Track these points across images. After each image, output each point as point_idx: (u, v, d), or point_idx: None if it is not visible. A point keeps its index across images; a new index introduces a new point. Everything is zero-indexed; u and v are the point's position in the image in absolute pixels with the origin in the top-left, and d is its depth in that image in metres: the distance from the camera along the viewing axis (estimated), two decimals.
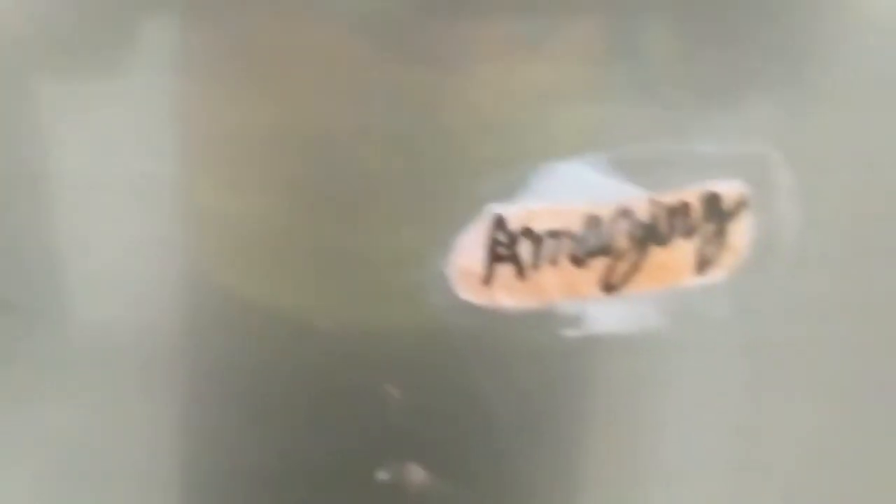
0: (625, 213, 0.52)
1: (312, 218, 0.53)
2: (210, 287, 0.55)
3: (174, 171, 0.52)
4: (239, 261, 0.55)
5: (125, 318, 0.55)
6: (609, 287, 0.53)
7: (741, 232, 0.53)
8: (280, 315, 0.55)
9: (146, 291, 0.54)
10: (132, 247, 0.53)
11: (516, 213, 0.51)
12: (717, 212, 0.52)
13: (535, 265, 0.52)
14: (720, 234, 0.53)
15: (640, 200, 0.51)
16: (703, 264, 0.53)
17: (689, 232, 0.52)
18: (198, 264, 0.55)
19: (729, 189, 0.52)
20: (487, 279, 0.52)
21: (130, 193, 0.51)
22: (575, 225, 0.51)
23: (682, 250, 0.53)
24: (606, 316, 0.54)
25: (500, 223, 0.51)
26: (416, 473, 0.57)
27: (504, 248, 0.51)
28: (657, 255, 0.53)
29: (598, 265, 0.53)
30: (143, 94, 0.50)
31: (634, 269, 0.53)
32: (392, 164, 0.52)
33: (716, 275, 0.54)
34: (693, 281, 0.54)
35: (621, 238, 0.52)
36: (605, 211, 0.51)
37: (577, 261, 0.52)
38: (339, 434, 0.57)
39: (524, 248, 0.52)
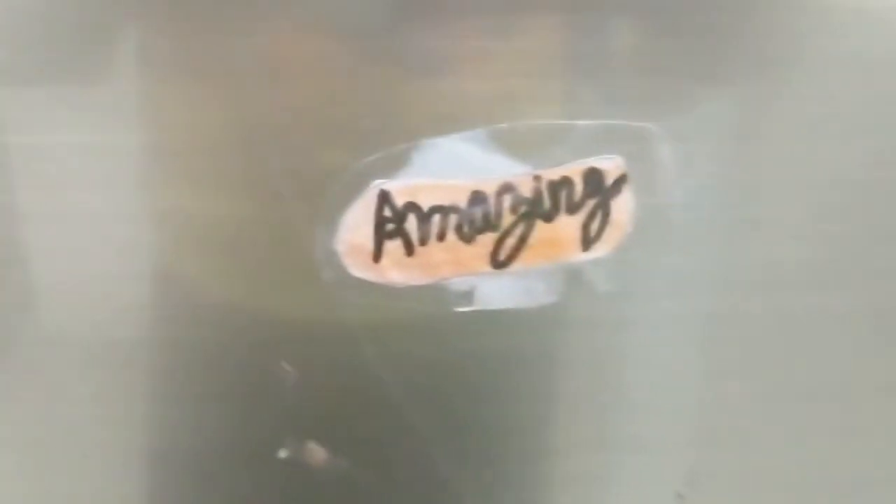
0: (508, 188, 0.53)
1: (262, 213, 0.54)
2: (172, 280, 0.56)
3: (141, 171, 0.53)
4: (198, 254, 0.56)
5: (90, 317, 0.55)
6: (497, 263, 0.54)
7: (624, 207, 0.54)
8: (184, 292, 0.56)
9: (112, 289, 0.55)
10: (99, 245, 0.54)
11: (400, 189, 0.52)
12: (599, 187, 0.54)
13: (423, 241, 0.53)
14: (603, 210, 0.54)
15: (522, 176, 0.53)
16: (588, 239, 0.55)
17: (572, 208, 0.54)
18: (162, 261, 0.56)
19: (609, 165, 0.53)
20: (377, 256, 0.53)
21: (97, 195, 0.52)
22: (460, 200, 0.53)
23: (568, 226, 0.54)
24: (497, 291, 0.55)
25: (385, 198, 0.52)
26: (317, 452, 0.58)
27: (391, 224, 0.53)
28: (543, 230, 0.54)
29: (486, 241, 0.54)
30: (108, 97, 0.51)
31: (521, 244, 0.54)
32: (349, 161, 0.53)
33: (602, 249, 0.55)
34: (580, 256, 0.55)
35: (506, 214, 0.53)
36: (488, 187, 0.53)
37: (465, 237, 0.54)
38: (240, 413, 0.58)
39: (411, 224, 0.53)
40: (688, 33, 0.53)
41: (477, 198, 0.53)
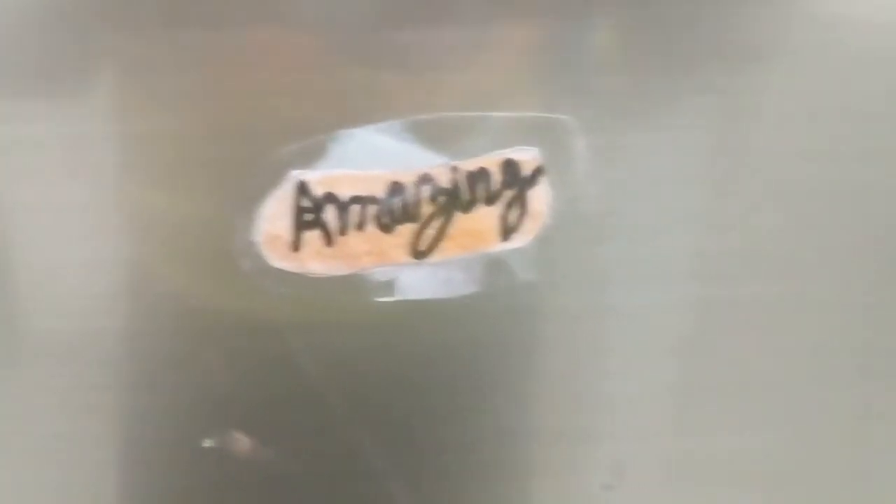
0: (426, 179, 0.54)
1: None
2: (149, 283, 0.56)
3: (116, 176, 0.53)
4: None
5: (68, 314, 0.56)
6: (417, 253, 0.55)
7: (541, 198, 0.55)
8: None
9: (71, 279, 0.55)
10: (76, 247, 0.54)
11: (318, 179, 0.52)
12: (516, 178, 0.54)
13: (343, 231, 0.54)
14: (521, 200, 0.55)
15: (440, 167, 0.53)
16: (507, 230, 0.55)
17: (490, 198, 0.55)
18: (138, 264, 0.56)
19: (526, 156, 0.54)
20: (296, 246, 0.54)
21: (77, 195, 0.53)
22: (378, 191, 0.53)
23: (486, 216, 0.55)
24: (418, 281, 0.56)
25: (303, 189, 0.53)
26: (242, 442, 0.59)
27: (310, 215, 0.53)
28: (462, 221, 0.55)
29: (405, 231, 0.54)
30: (88, 104, 0.51)
31: (441, 235, 0.55)
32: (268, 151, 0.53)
33: (520, 240, 0.56)
34: (499, 246, 0.56)
35: (425, 204, 0.54)
36: (406, 177, 0.53)
37: (384, 227, 0.54)
38: (168, 403, 0.58)
39: (329, 214, 0.53)
40: (666, 29, 0.54)
41: (395, 188, 0.53)
